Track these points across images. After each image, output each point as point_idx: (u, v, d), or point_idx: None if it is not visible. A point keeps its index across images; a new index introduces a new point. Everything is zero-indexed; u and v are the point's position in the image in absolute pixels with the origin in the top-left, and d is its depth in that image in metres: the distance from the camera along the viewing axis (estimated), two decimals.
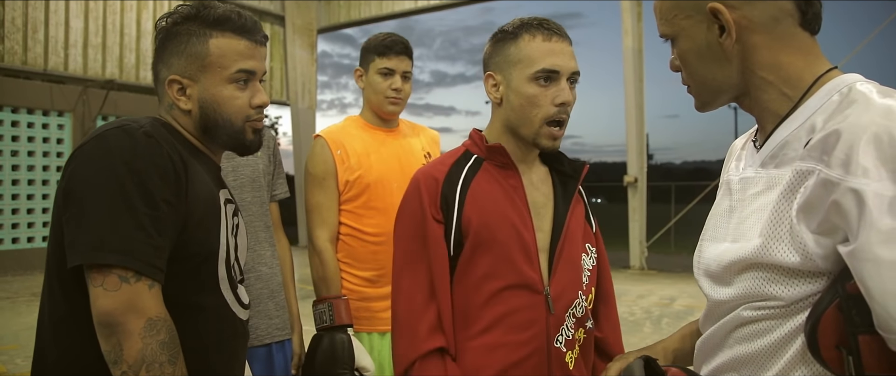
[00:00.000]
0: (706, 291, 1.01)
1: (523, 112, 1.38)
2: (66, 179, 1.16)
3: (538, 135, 1.38)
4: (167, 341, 1.11)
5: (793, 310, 0.86)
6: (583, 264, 1.45)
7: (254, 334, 2.00)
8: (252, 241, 2.03)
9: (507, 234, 1.36)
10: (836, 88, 0.89)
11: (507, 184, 1.41)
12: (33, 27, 10.12)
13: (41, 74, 10.26)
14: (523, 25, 1.40)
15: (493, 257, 1.35)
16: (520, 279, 1.35)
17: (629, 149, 10.69)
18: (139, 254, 1.10)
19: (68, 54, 10.58)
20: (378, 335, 2.16)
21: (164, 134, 1.23)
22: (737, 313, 0.92)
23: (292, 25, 13.98)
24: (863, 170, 0.76)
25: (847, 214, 0.77)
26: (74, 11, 10.62)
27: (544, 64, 1.36)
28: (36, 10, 10.14)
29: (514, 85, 1.40)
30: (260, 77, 1.35)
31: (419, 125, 2.41)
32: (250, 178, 2.07)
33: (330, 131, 2.23)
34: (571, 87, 1.40)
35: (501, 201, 1.39)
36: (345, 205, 2.16)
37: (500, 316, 1.35)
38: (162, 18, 1.30)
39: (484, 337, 1.36)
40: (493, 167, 1.43)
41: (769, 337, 0.89)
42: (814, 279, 0.84)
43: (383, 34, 2.22)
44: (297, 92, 14.08)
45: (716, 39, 0.95)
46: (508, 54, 1.41)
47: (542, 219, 1.43)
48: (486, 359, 1.34)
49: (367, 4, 13.64)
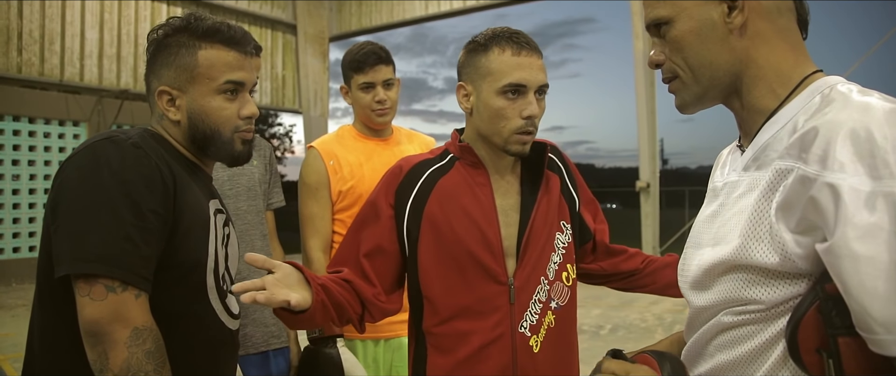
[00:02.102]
0: (688, 298, 0.99)
1: (492, 123, 1.43)
2: (54, 190, 1.18)
3: (507, 143, 1.43)
4: (153, 350, 1.12)
5: (773, 314, 0.84)
6: (555, 244, 1.51)
7: (249, 342, 2.02)
8: (247, 249, 2.05)
9: (468, 229, 1.44)
10: (818, 89, 0.89)
11: (474, 182, 1.48)
12: (50, 39, 10.28)
13: (57, 85, 10.42)
14: (494, 37, 1.44)
15: (455, 250, 1.43)
16: (482, 271, 1.43)
17: (641, 154, 10.64)
18: (125, 264, 1.11)
19: (84, 65, 10.73)
20: (372, 342, 2.17)
21: (152, 145, 1.24)
22: (717, 319, 0.91)
23: (304, 34, 14.07)
24: (839, 165, 0.74)
25: (824, 210, 0.75)
26: (90, 23, 10.77)
27: (512, 78, 1.40)
28: (52, 22, 10.30)
29: (483, 97, 1.44)
30: (249, 88, 1.36)
31: (414, 132, 2.42)
32: (247, 187, 2.10)
33: (323, 142, 2.26)
34: (539, 99, 1.44)
35: (466, 197, 1.46)
36: (338, 215, 2.17)
37: (466, 305, 1.43)
38: (153, 31, 1.32)
39: (451, 324, 1.44)
40: (464, 166, 1.49)
41: (750, 342, 0.87)
42: (794, 281, 0.82)
43: (357, 47, 2.21)
44: (309, 100, 14.16)
45: (722, 19, 0.92)
46: (479, 66, 1.45)
47: (509, 217, 1.48)
48: (454, 344, 1.43)
49: (379, 12, 13.70)
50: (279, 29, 13.85)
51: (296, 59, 14.23)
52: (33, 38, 10.09)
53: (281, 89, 14.04)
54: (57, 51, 10.38)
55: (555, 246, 1.51)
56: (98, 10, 10.84)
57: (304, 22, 14.10)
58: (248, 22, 13.19)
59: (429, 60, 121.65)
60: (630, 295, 8.86)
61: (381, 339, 2.16)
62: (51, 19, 10.28)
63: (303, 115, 14.41)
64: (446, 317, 1.44)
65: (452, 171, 1.49)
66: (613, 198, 34.26)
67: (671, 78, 0.99)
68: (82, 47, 10.70)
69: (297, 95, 14.36)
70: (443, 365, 1.44)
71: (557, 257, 1.51)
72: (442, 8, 12.79)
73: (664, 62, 0.99)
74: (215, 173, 2.00)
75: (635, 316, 7.31)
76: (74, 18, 10.59)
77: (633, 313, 7.49)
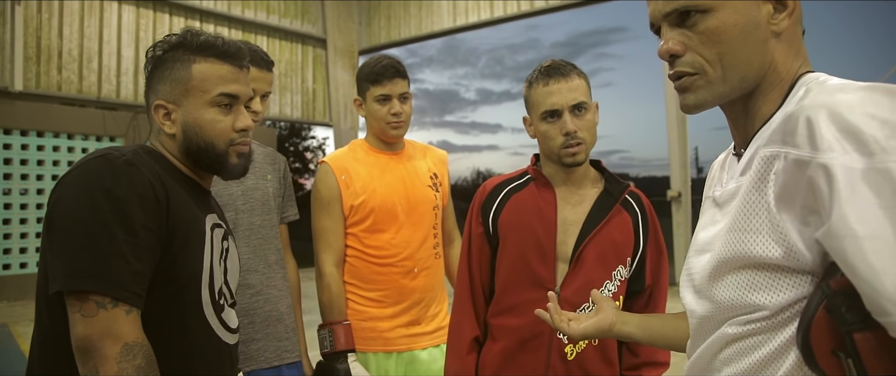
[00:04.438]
0: (691, 308, 0.95)
1: (544, 144, 1.72)
2: (49, 208, 1.20)
3: (560, 157, 1.67)
4: (143, 365, 1.13)
5: (780, 322, 0.80)
6: (614, 274, 1.68)
7: (262, 356, 2.03)
8: (262, 264, 2.06)
9: (527, 238, 1.67)
10: (804, 83, 0.88)
11: (541, 199, 1.71)
12: (88, 57, 10.60)
13: (95, 102, 10.72)
14: (534, 74, 1.72)
15: (515, 254, 1.68)
16: (531, 276, 1.66)
17: (672, 162, 10.48)
18: (116, 281, 1.12)
19: (120, 82, 11.03)
20: (383, 355, 2.16)
21: (146, 161, 1.25)
22: (721, 331, 0.87)
23: (334, 47, 14.25)
24: (827, 145, 0.72)
25: (819, 192, 0.72)
26: (126, 41, 11.08)
27: (546, 106, 1.67)
28: (90, 42, 10.63)
29: (535, 124, 1.73)
30: (245, 101, 1.37)
31: (427, 145, 2.42)
32: (261, 202, 2.11)
33: (334, 157, 2.26)
34: (575, 116, 1.66)
35: (531, 211, 1.70)
36: (351, 229, 2.17)
37: (515, 303, 1.67)
38: (150, 49, 1.35)
39: (502, 318, 1.71)
40: (536, 185, 1.75)
41: (758, 353, 0.82)
42: (798, 280, 0.78)
43: (374, 60, 2.22)
44: (339, 113, 14.31)
45: (767, 19, 0.88)
46: (529, 100, 1.74)
47: (568, 233, 1.68)
48: (502, 334, 1.70)
49: (407, 25, 13.80)
50: (310, 43, 14.06)
51: (326, 73, 14.42)
52: (72, 56, 10.43)
53: (311, 103, 14.22)
54: (94, 69, 10.70)
55: (612, 275, 1.68)
56: (134, 28, 11.16)
57: (334, 36, 14.29)
58: (279, 37, 13.43)
59: (461, 72, 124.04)
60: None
61: (393, 353, 2.16)
62: (89, 38, 10.61)
63: (333, 128, 14.56)
64: (499, 311, 1.71)
65: (526, 189, 1.75)
66: None
67: (691, 73, 0.92)
68: (119, 65, 11.01)
69: (327, 108, 14.53)
70: (492, 350, 1.71)
71: (613, 286, 1.68)
72: (470, 19, 12.83)
73: (684, 54, 0.92)
74: (229, 188, 2.03)
75: None
76: (111, 37, 10.91)
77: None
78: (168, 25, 11.57)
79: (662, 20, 0.93)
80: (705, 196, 1.08)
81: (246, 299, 2.01)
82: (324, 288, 2.13)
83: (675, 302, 1.51)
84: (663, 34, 0.93)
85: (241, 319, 1.97)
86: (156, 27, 11.41)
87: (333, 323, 2.03)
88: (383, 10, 14.27)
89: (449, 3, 13.13)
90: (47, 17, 10.18)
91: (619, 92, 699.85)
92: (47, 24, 10.17)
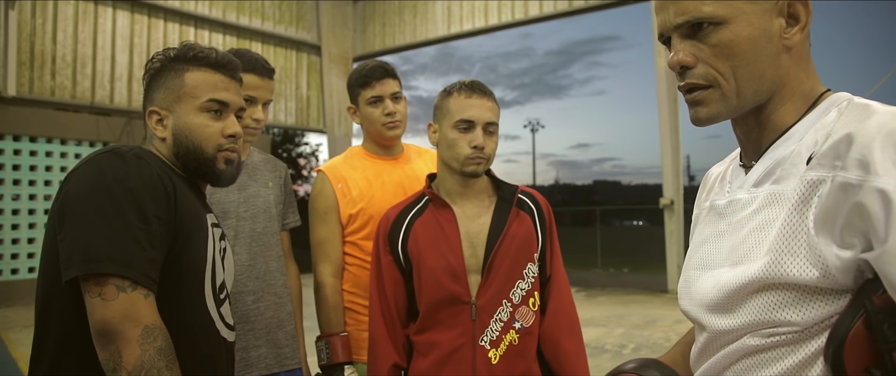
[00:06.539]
0: (704, 322, 0.92)
1: (449, 151, 1.78)
2: (60, 201, 1.21)
3: (463, 165, 1.76)
4: (164, 347, 1.15)
5: (807, 335, 0.79)
6: (525, 273, 1.76)
7: (263, 363, 2.03)
8: (263, 271, 2.07)
9: (436, 260, 1.74)
10: (834, 104, 0.88)
11: (442, 219, 1.78)
12: (82, 62, 10.59)
13: (88, 107, 10.70)
14: (456, 86, 1.80)
15: (429, 277, 1.74)
16: (447, 294, 1.73)
17: (664, 170, 10.54)
18: (135, 264, 1.14)
19: (114, 87, 11.02)
20: None
21: (152, 156, 1.30)
22: (742, 342, 0.85)
23: (328, 54, 14.28)
24: (885, 170, 0.71)
25: (872, 216, 0.71)
26: (120, 46, 11.08)
27: (463, 115, 1.75)
28: (85, 47, 10.61)
29: (443, 131, 1.80)
30: (235, 111, 1.41)
31: (423, 148, 2.39)
32: (263, 209, 2.11)
33: (331, 166, 2.23)
34: (486, 133, 1.76)
35: (435, 234, 1.77)
36: (350, 237, 2.15)
37: (438, 318, 1.75)
38: (149, 61, 1.40)
39: (426, 334, 1.77)
40: (434, 206, 1.81)
41: (780, 364, 0.81)
42: (832, 298, 0.78)
43: (361, 66, 2.22)
44: (333, 119, 14.32)
45: (780, 33, 0.88)
46: (442, 108, 1.81)
47: (475, 246, 1.76)
48: (427, 349, 1.76)
49: (402, 32, 13.86)
50: (304, 50, 14.09)
51: (320, 80, 14.44)
52: (66, 61, 10.41)
53: (306, 109, 14.24)
54: (88, 74, 10.69)
55: (524, 274, 1.77)
56: (128, 34, 11.16)
57: (329, 43, 14.32)
58: (273, 43, 13.45)
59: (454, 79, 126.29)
60: (654, 314, 8.76)
61: None
62: (83, 44, 10.60)
63: (327, 135, 14.57)
64: (423, 328, 1.77)
65: (426, 212, 1.81)
66: (639, 215, 33.88)
67: (703, 86, 0.90)
68: (113, 70, 10.99)
69: (321, 115, 14.54)
70: (421, 366, 1.77)
71: (526, 285, 1.77)
72: (465, 27, 12.89)
73: (696, 66, 0.90)
74: (230, 195, 2.04)
75: (659, 335, 7.22)
76: (105, 43, 10.90)
77: (656, 332, 7.39)
78: (162, 31, 11.57)
79: (673, 31, 0.91)
80: (701, 205, 1.08)
81: (246, 305, 2.02)
82: (321, 299, 2.11)
83: (669, 310, 1.52)
84: (673, 45, 0.91)
85: (242, 326, 1.98)
86: (150, 33, 11.41)
87: (331, 334, 2.02)
88: (378, 17, 14.33)
89: (443, 11, 13.19)
90: (41, 21, 10.16)
91: (612, 100, 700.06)
92: (41, 29, 10.15)
